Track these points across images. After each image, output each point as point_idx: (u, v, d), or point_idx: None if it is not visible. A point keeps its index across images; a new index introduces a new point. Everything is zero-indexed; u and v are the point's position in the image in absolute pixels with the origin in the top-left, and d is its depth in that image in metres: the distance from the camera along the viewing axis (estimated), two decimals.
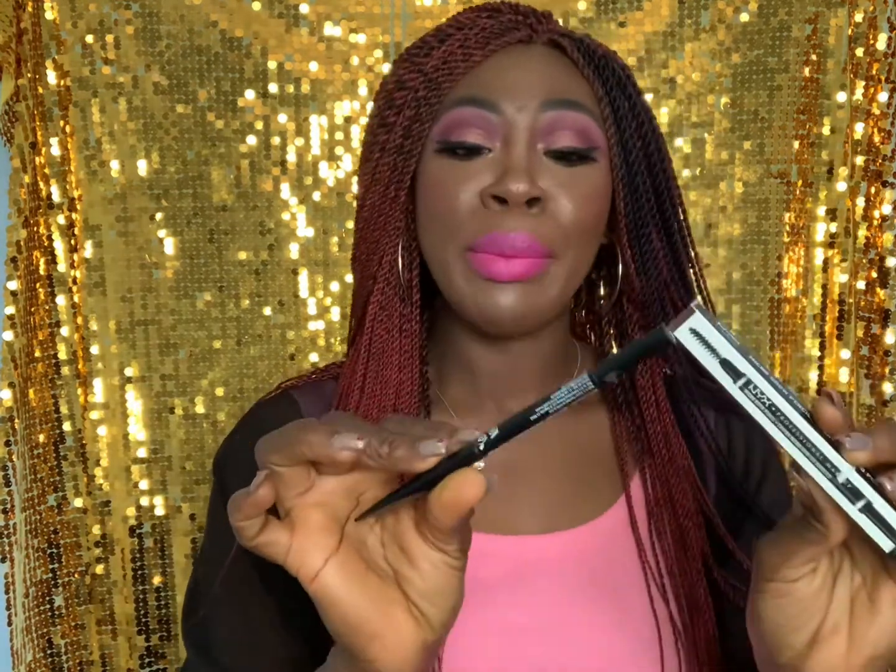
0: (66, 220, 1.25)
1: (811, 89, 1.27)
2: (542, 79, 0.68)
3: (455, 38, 0.70)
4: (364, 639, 0.47)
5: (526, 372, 0.74)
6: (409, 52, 0.73)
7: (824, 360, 1.30)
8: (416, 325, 0.73)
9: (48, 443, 1.24)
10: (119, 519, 1.29)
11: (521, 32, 0.70)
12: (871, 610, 0.50)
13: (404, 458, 0.44)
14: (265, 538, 0.47)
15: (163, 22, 1.25)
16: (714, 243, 1.31)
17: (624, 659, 0.69)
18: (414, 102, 0.69)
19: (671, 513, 0.73)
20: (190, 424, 1.30)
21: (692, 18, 1.28)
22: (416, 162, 0.70)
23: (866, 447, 0.44)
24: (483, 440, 0.45)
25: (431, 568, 0.47)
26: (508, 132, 0.67)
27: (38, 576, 1.22)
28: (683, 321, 0.43)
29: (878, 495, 0.44)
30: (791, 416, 0.43)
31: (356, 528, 0.49)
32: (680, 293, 0.74)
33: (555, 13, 1.30)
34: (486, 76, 0.69)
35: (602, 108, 0.70)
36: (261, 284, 1.30)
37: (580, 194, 0.68)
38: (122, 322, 1.28)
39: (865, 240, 1.28)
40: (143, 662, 1.30)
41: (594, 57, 0.71)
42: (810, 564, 0.49)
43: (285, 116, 1.28)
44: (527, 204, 0.66)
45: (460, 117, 0.68)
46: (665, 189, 0.73)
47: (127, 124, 1.25)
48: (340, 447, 0.44)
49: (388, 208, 0.72)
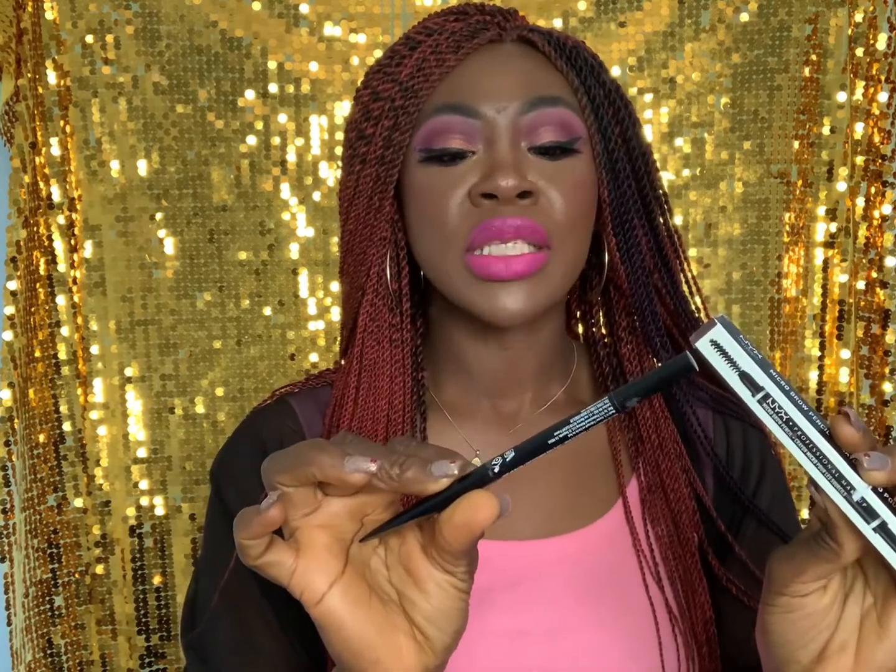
0: (66, 220, 1.25)
1: (811, 89, 1.27)
2: (519, 78, 0.69)
3: (426, 45, 0.69)
4: (366, 663, 0.47)
5: (524, 369, 0.74)
6: (380, 63, 0.73)
7: (824, 360, 1.30)
8: (407, 335, 0.73)
9: (48, 443, 1.24)
10: (119, 519, 1.29)
11: (490, 32, 0.70)
12: (880, 632, 0.49)
13: (416, 479, 0.43)
14: (270, 558, 0.46)
15: (163, 22, 1.25)
16: (714, 243, 1.31)
17: (624, 658, 0.69)
18: (392, 112, 0.69)
19: (663, 499, 0.73)
20: (190, 424, 1.30)
21: (692, 18, 1.28)
22: (398, 171, 0.70)
23: (885, 467, 0.43)
24: (498, 463, 0.44)
25: (437, 590, 0.47)
26: (490, 134, 0.67)
27: (38, 576, 1.22)
28: (705, 332, 0.43)
29: (894, 515, 0.43)
30: (808, 432, 0.43)
31: (360, 551, 0.48)
32: (664, 280, 0.75)
33: (555, 13, 1.31)
34: (462, 81, 0.69)
35: (579, 98, 0.70)
36: (261, 284, 1.30)
37: (568, 186, 0.68)
38: (122, 322, 1.28)
39: (865, 240, 1.28)
40: (143, 662, 1.30)
41: (565, 48, 0.71)
42: (821, 581, 0.49)
43: (285, 116, 1.28)
44: (518, 197, 0.66)
45: (441, 125, 0.68)
46: (645, 173, 0.73)
47: (127, 124, 1.25)
48: (353, 469, 0.44)
49: (373, 219, 0.72)
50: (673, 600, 0.72)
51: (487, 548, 0.70)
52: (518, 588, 0.70)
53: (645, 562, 0.72)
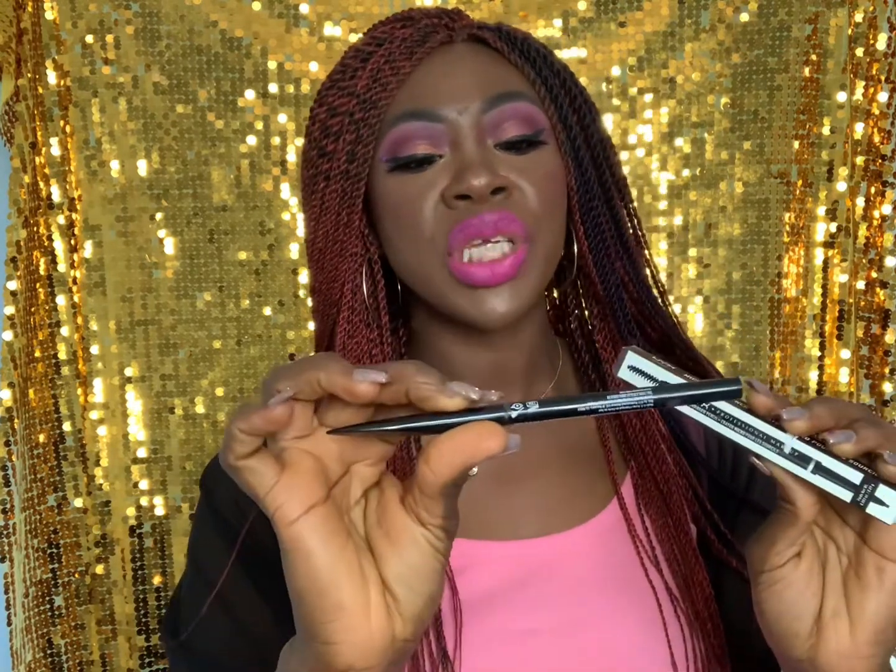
0: (66, 220, 1.25)
1: (811, 89, 1.27)
2: (476, 77, 0.69)
3: (378, 55, 0.69)
4: (329, 607, 0.43)
5: (512, 369, 0.74)
6: (332, 78, 0.72)
7: (824, 360, 1.30)
8: (388, 349, 0.72)
9: (48, 443, 1.24)
10: (119, 519, 1.29)
11: (440, 35, 0.70)
12: (860, 585, 0.52)
13: (429, 394, 0.42)
14: (253, 463, 0.43)
15: (163, 22, 1.25)
16: (714, 243, 1.31)
17: (634, 650, 0.69)
18: (352, 126, 0.69)
19: (658, 493, 0.74)
20: (190, 424, 1.30)
21: (692, 18, 1.28)
22: (364, 185, 0.70)
23: (802, 416, 0.48)
24: (518, 409, 0.42)
25: (412, 545, 0.44)
26: (455, 136, 0.67)
27: (38, 576, 1.22)
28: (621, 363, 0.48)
29: (825, 454, 0.48)
30: (730, 411, 0.48)
31: (342, 497, 0.46)
32: (626, 268, 0.75)
33: (555, 13, 1.31)
34: (419, 86, 0.69)
35: (537, 90, 0.70)
36: (261, 284, 1.30)
37: (539, 177, 0.68)
38: (122, 322, 1.28)
39: (865, 240, 1.28)
40: (143, 662, 1.30)
41: (516, 42, 0.71)
42: (793, 548, 0.52)
43: (285, 116, 1.28)
44: (491, 194, 0.66)
45: (404, 133, 0.68)
46: (604, 159, 0.73)
47: (127, 124, 1.25)
48: (362, 379, 0.42)
49: (342, 234, 0.71)
50: (673, 584, 0.72)
51: (489, 549, 0.71)
52: (519, 588, 0.70)
53: (645, 554, 0.73)
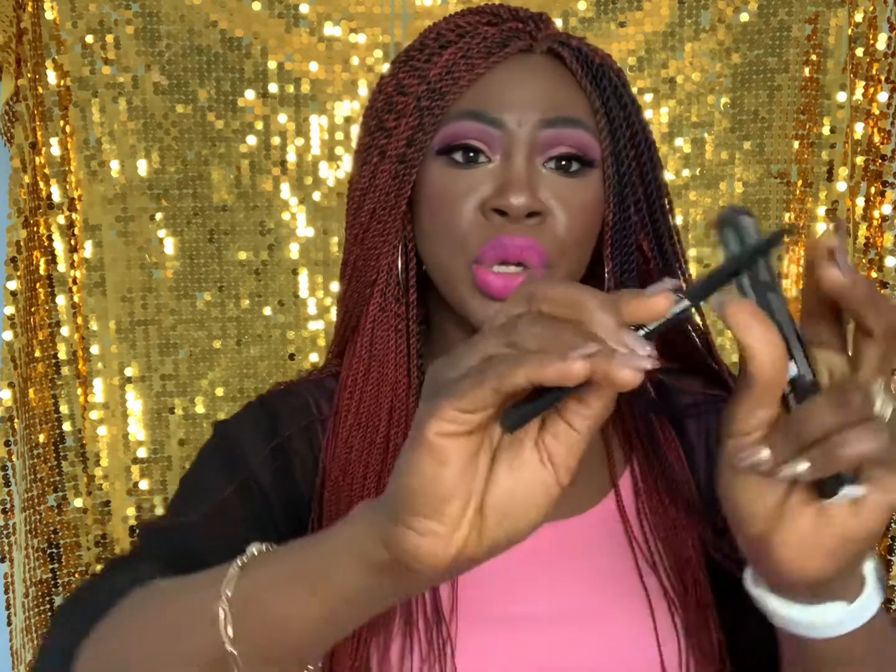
0: (66, 220, 1.25)
1: (811, 89, 1.27)
2: (543, 94, 0.70)
3: (457, 47, 0.70)
4: (433, 509, 0.41)
5: None
6: (408, 54, 0.73)
7: None
8: (413, 325, 0.75)
9: (48, 443, 1.24)
10: (119, 519, 1.29)
11: (521, 42, 0.71)
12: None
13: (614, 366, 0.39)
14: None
15: (163, 22, 1.25)
16: (714, 243, 1.31)
17: (622, 639, 0.70)
18: (416, 111, 0.70)
19: (651, 474, 0.74)
20: (190, 424, 1.30)
21: (692, 18, 1.28)
22: (416, 171, 0.71)
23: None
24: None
25: (527, 482, 0.43)
26: (509, 146, 0.69)
27: (38, 576, 1.22)
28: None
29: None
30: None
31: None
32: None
33: (555, 13, 1.31)
34: (488, 90, 0.70)
35: (598, 120, 0.71)
36: (261, 284, 1.30)
37: (576, 206, 0.70)
38: (122, 322, 1.28)
39: (865, 240, 1.28)
40: None
41: (591, 66, 0.72)
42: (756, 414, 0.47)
43: (285, 116, 1.28)
44: (526, 217, 0.68)
45: (462, 130, 0.69)
46: (656, 198, 0.75)
47: (127, 124, 1.26)
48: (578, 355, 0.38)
49: (388, 216, 0.73)
50: (665, 579, 0.72)
51: None
52: (514, 575, 0.70)
53: (638, 548, 0.73)
